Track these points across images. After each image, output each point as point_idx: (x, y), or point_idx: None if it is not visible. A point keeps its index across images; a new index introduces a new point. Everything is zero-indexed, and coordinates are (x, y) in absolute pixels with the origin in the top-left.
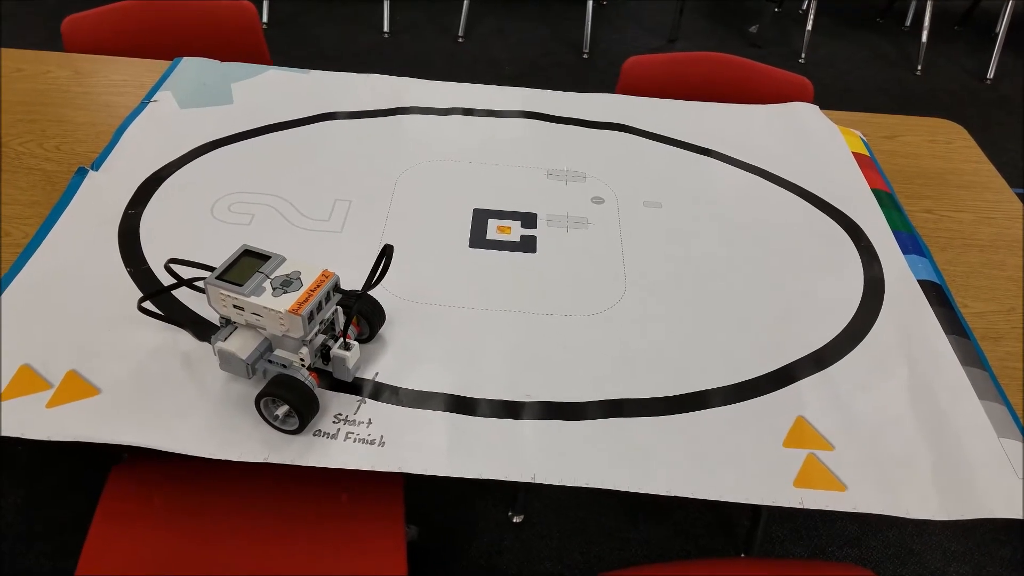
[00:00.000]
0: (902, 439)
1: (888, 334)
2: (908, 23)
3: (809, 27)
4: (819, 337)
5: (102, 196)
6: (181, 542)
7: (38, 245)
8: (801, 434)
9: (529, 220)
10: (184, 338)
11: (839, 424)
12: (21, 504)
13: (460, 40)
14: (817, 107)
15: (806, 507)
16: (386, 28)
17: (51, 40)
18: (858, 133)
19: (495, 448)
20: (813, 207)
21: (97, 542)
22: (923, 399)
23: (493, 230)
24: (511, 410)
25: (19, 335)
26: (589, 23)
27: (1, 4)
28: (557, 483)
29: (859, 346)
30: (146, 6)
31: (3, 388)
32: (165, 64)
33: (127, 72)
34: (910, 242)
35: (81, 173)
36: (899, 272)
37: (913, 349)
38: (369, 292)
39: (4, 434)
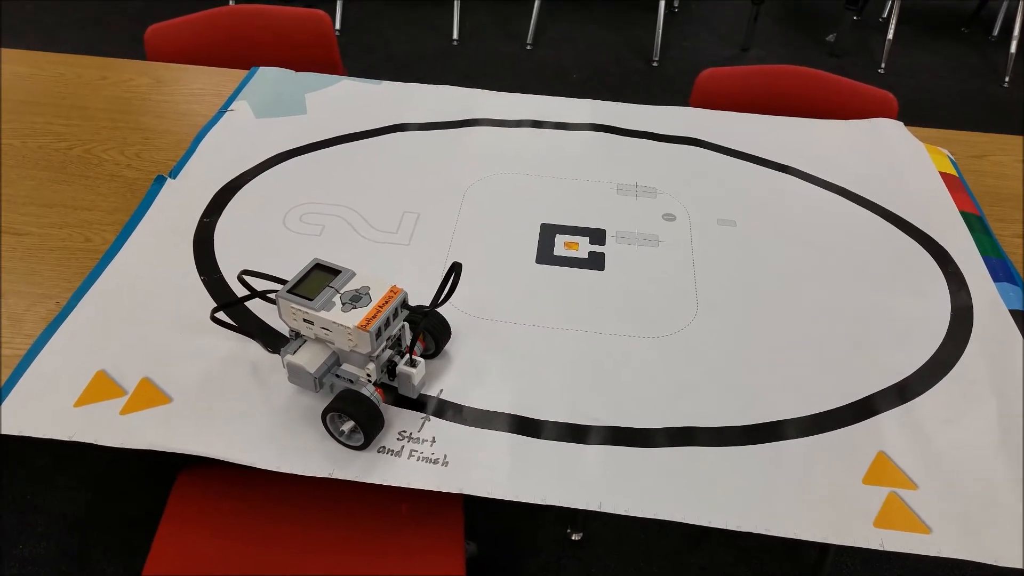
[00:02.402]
0: (991, 479)
1: (977, 366)
2: (995, 32)
3: (890, 36)
4: (902, 367)
5: (179, 204)
6: (243, 547)
7: (116, 252)
8: (883, 471)
9: (598, 236)
10: (254, 348)
11: (923, 461)
12: (91, 500)
13: (529, 47)
14: (902, 123)
15: (887, 549)
16: (455, 35)
17: (135, 47)
18: (946, 152)
19: (559, 473)
20: (897, 229)
21: (164, 544)
22: (1014, 436)
23: (560, 246)
24: (576, 434)
25: (96, 340)
26: (660, 31)
27: (85, 10)
28: (624, 513)
29: (945, 378)
30: (225, 16)
31: (79, 395)
32: (242, 73)
33: (206, 81)
34: (1001, 269)
35: (159, 181)
36: (989, 300)
37: (1003, 383)
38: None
39: (79, 440)
